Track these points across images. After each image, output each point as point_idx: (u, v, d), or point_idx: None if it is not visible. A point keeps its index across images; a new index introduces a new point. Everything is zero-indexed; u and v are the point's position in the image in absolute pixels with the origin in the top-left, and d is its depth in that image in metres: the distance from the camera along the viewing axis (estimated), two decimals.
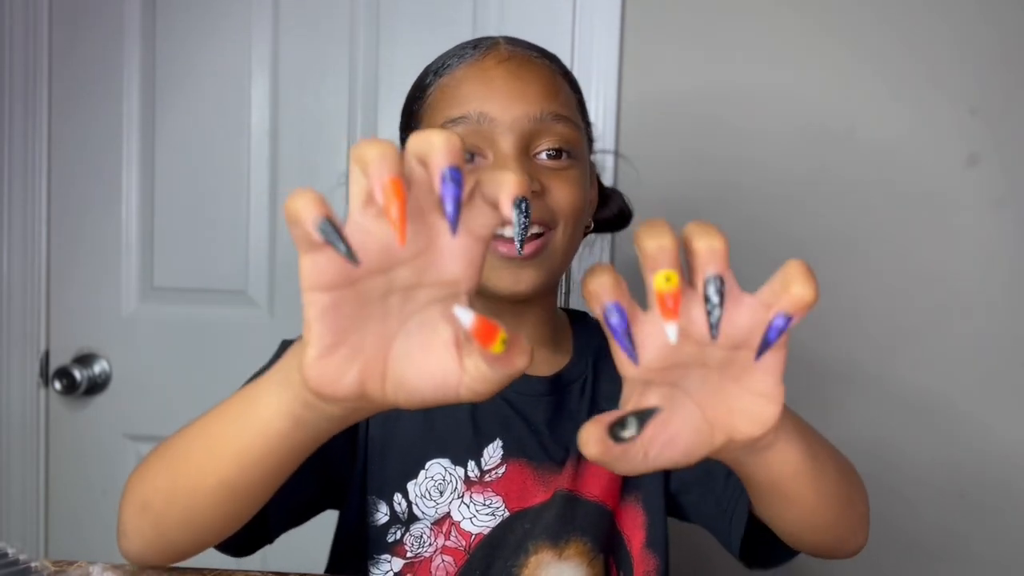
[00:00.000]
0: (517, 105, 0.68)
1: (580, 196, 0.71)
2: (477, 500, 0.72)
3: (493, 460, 0.73)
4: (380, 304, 0.41)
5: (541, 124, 0.68)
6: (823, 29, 1.14)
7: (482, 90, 0.69)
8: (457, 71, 0.71)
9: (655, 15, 1.16)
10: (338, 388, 0.41)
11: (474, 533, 0.72)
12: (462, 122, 0.68)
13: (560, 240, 0.70)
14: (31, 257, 1.28)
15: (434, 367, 0.41)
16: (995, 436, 1.13)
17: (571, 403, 0.77)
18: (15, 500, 1.30)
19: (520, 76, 0.70)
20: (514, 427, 0.74)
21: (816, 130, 1.14)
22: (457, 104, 0.69)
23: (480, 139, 0.68)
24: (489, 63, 0.70)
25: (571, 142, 0.70)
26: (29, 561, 0.54)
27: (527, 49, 0.73)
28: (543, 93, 0.70)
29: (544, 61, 0.73)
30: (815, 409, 1.15)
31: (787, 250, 1.15)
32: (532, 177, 0.66)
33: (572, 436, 0.74)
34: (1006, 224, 1.12)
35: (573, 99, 0.74)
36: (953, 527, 1.14)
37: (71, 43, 1.26)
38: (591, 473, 0.75)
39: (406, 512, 0.72)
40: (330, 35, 1.23)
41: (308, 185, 0.38)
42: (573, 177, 0.70)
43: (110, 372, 1.28)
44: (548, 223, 0.69)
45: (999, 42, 1.11)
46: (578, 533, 0.73)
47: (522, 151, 0.68)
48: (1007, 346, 1.13)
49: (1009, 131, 1.11)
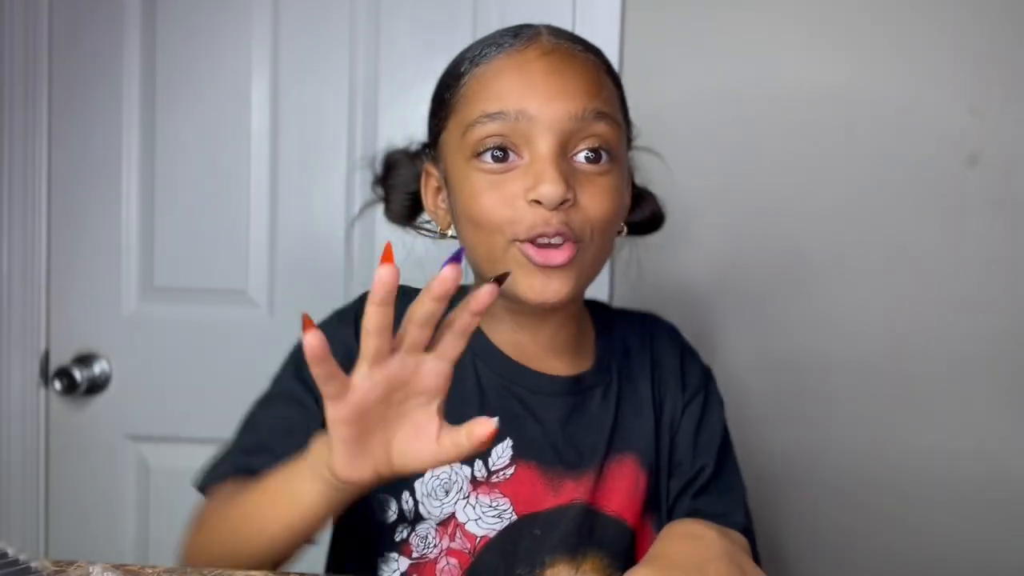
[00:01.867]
0: (558, 102, 0.66)
1: (616, 205, 0.69)
2: (483, 501, 0.71)
3: (502, 460, 0.72)
4: (382, 419, 0.55)
5: (582, 123, 0.66)
6: (822, 29, 1.14)
7: (521, 84, 0.66)
8: (495, 61, 0.68)
9: (655, 15, 1.16)
10: (360, 478, 0.56)
11: (479, 536, 0.71)
12: (499, 118, 0.66)
13: (591, 253, 0.68)
14: (31, 257, 1.28)
15: (422, 451, 0.55)
16: (996, 436, 1.13)
17: (591, 407, 0.76)
18: (15, 500, 1.29)
19: (562, 71, 0.67)
20: (525, 427, 0.73)
21: (816, 130, 1.14)
22: (494, 98, 0.67)
23: (517, 137, 0.66)
24: (531, 55, 0.68)
25: (611, 142, 0.68)
26: (29, 561, 0.54)
27: (570, 41, 0.71)
28: (585, 89, 0.67)
29: (588, 55, 0.70)
30: (815, 408, 1.16)
31: (787, 250, 1.15)
32: (567, 185, 0.65)
33: (588, 442, 0.74)
34: (1006, 224, 1.12)
35: (616, 96, 0.71)
36: (953, 528, 1.14)
37: (71, 43, 1.26)
38: (610, 488, 0.73)
39: (412, 511, 0.71)
40: (330, 35, 1.23)
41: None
42: (610, 184, 0.68)
43: (110, 372, 1.28)
44: (580, 236, 0.66)
45: (999, 42, 1.11)
46: (596, 548, 0.72)
47: (559, 153, 0.66)
48: (1007, 346, 1.12)
49: (1009, 131, 1.11)
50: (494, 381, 0.74)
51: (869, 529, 1.15)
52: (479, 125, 0.66)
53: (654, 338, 0.82)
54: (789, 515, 1.16)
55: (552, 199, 0.64)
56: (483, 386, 0.74)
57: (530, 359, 0.75)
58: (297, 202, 1.24)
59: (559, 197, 0.64)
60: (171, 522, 1.28)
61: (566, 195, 0.64)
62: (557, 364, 0.76)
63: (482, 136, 0.66)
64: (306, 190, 1.24)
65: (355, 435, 0.54)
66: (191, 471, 1.26)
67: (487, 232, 0.67)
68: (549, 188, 0.64)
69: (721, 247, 1.16)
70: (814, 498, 1.15)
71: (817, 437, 1.15)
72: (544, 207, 0.64)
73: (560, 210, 0.65)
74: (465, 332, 0.53)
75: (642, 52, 1.16)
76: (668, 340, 0.83)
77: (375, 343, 0.52)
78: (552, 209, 0.64)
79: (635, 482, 0.75)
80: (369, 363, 0.53)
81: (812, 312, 1.15)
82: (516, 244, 0.66)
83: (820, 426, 1.15)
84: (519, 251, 0.66)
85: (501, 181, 0.66)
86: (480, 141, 0.67)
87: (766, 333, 1.16)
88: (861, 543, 1.16)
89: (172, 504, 1.28)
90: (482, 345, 0.75)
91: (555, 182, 0.64)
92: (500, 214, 0.66)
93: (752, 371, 1.16)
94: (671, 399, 0.79)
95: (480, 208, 0.67)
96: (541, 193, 0.64)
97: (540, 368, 0.75)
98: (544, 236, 0.65)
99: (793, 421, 1.15)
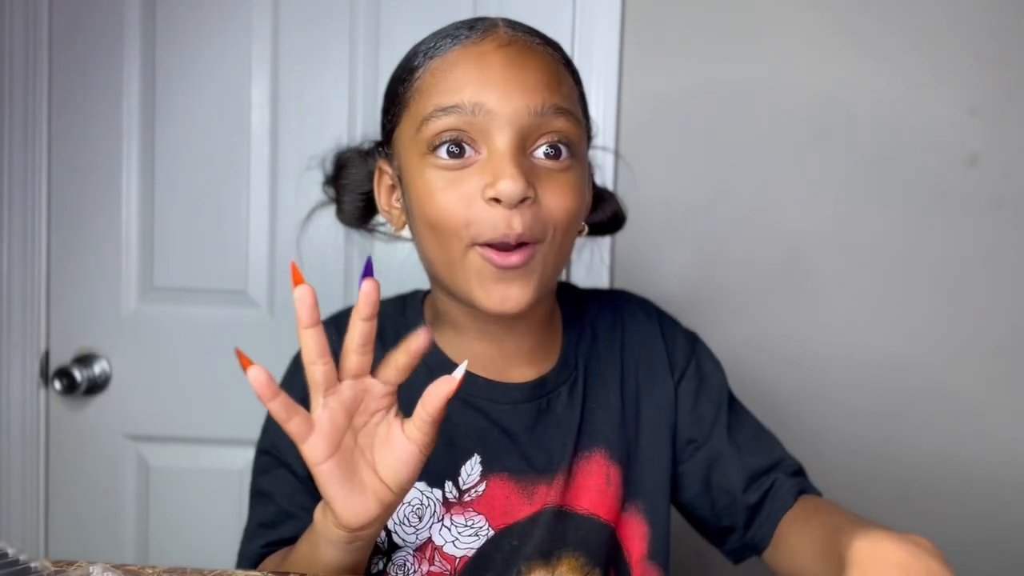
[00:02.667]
0: (516, 96, 0.62)
1: (576, 203, 0.66)
2: (458, 522, 0.69)
3: (472, 478, 0.70)
4: (357, 448, 0.57)
5: (541, 118, 0.63)
6: (823, 29, 1.14)
7: (478, 77, 0.63)
8: (450, 53, 0.65)
9: (655, 15, 1.16)
10: (369, 518, 0.57)
11: (458, 556, 0.69)
12: (455, 112, 0.62)
13: (550, 252, 0.65)
14: (31, 257, 1.28)
15: (401, 454, 0.57)
16: (996, 435, 1.13)
17: (556, 408, 0.73)
18: (15, 500, 1.29)
19: (520, 64, 0.64)
20: (491, 439, 0.71)
21: (815, 130, 1.14)
22: (449, 91, 0.63)
23: (474, 131, 0.63)
24: (487, 47, 0.64)
25: (572, 138, 0.65)
26: (29, 561, 0.54)
27: (528, 34, 0.67)
28: (545, 83, 0.64)
29: (546, 48, 0.67)
30: (815, 408, 1.16)
31: (786, 250, 1.15)
32: (527, 182, 0.62)
33: (557, 443, 0.72)
34: (1006, 224, 1.12)
35: (575, 91, 0.68)
36: (952, 528, 1.14)
37: (71, 43, 1.26)
38: (581, 486, 0.72)
39: (386, 541, 0.69)
40: (330, 34, 1.23)
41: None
42: (571, 181, 0.65)
43: (110, 372, 1.28)
44: (538, 236, 0.63)
45: (999, 42, 1.11)
46: (570, 549, 0.70)
47: (518, 149, 0.63)
48: (1008, 346, 1.13)
49: (1009, 131, 1.11)
50: (454, 397, 0.73)
51: None
52: (433, 119, 0.63)
53: (625, 319, 0.79)
54: None
55: (512, 196, 0.61)
56: None
57: (492, 369, 0.73)
58: (297, 202, 1.24)
59: (519, 194, 0.61)
60: (171, 522, 1.29)
61: (526, 192, 0.61)
62: (522, 370, 0.73)
63: (437, 131, 0.63)
64: (306, 190, 1.24)
65: (339, 472, 0.55)
66: (191, 471, 1.27)
67: (444, 235, 0.64)
68: (508, 185, 0.60)
69: (720, 246, 1.16)
70: None
71: (816, 436, 1.15)
72: (503, 205, 0.61)
73: (520, 208, 0.62)
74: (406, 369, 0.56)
75: (642, 52, 1.16)
76: (643, 317, 0.80)
77: (321, 370, 0.54)
78: (512, 207, 0.61)
79: (606, 478, 0.73)
80: (322, 391, 0.55)
81: (811, 311, 1.15)
82: (475, 248, 0.63)
83: (818, 425, 1.15)
84: (479, 255, 0.63)
85: (457, 178, 0.63)
86: (435, 136, 0.63)
87: (765, 333, 1.16)
88: None
89: (172, 504, 1.29)
90: (438, 362, 0.73)
91: (515, 178, 0.61)
92: (457, 214, 0.63)
93: (752, 371, 1.16)
94: (661, 384, 0.77)
95: (436, 207, 0.64)
96: (500, 190, 0.61)
97: (503, 377, 0.73)
98: (506, 240, 0.62)
99: (792, 420, 1.15)
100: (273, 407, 0.53)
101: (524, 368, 0.74)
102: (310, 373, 0.54)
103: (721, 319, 1.16)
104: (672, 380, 0.77)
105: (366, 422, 0.57)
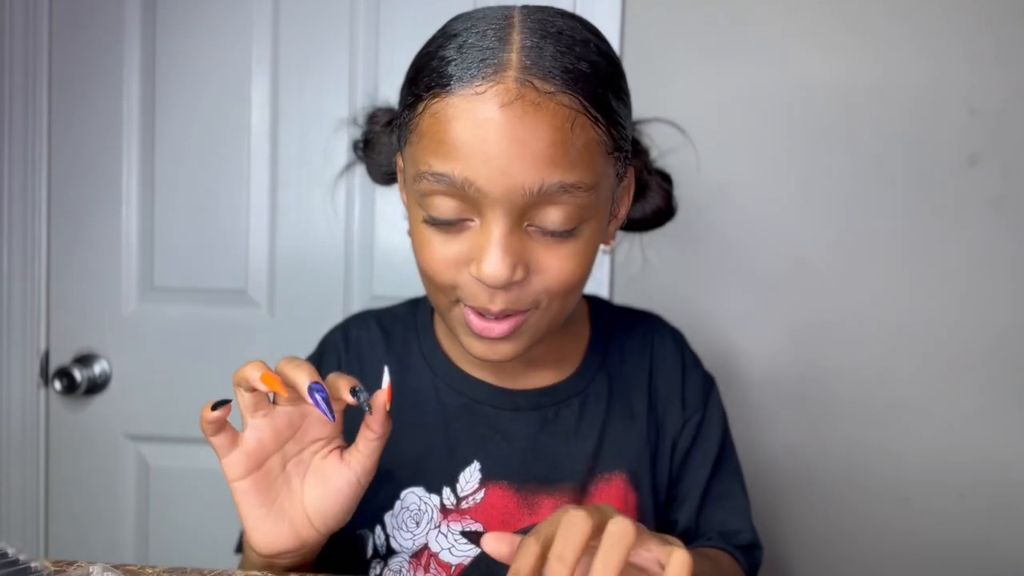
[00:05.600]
0: (513, 173, 0.55)
1: (579, 270, 0.61)
2: (455, 529, 0.68)
3: (470, 485, 0.69)
4: (283, 475, 0.59)
5: (539, 197, 0.56)
6: (822, 29, 1.14)
7: (472, 148, 0.55)
8: (452, 99, 0.56)
9: (656, 15, 1.16)
10: (281, 547, 0.58)
11: (454, 564, 0.68)
12: (446, 181, 0.57)
13: (544, 316, 0.62)
14: (31, 257, 1.28)
15: (334, 483, 0.58)
16: (996, 436, 1.13)
17: (565, 418, 0.72)
18: (15, 500, 1.29)
19: (522, 135, 0.55)
20: (492, 446, 0.70)
21: (815, 130, 1.14)
22: (442, 155, 0.57)
23: (467, 202, 0.58)
24: (489, 104, 0.55)
25: (574, 217, 0.58)
26: (29, 561, 0.54)
27: (547, 76, 0.56)
28: (548, 157, 0.55)
29: (564, 95, 0.56)
30: (815, 408, 1.16)
31: (786, 250, 1.15)
32: (513, 266, 0.58)
33: (564, 454, 0.71)
34: (1006, 224, 1.12)
35: (599, 137, 0.58)
36: (952, 528, 1.14)
37: (71, 43, 1.26)
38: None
39: (384, 545, 0.69)
40: (330, 34, 1.23)
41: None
42: (575, 250, 0.60)
43: (110, 372, 1.28)
44: (527, 307, 0.61)
45: (999, 42, 1.11)
46: None
47: (509, 229, 0.57)
48: (1008, 346, 1.13)
49: (1008, 131, 1.11)
50: (455, 401, 0.72)
51: (870, 530, 1.15)
52: (426, 181, 0.58)
53: (655, 344, 0.78)
54: (790, 515, 1.16)
55: (494, 283, 0.58)
56: (444, 408, 0.72)
57: (502, 375, 0.72)
58: (297, 201, 1.24)
59: (502, 282, 0.57)
60: (171, 522, 1.29)
61: (511, 278, 0.58)
62: (530, 378, 0.72)
63: (429, 193, 0.58)
64: (306, 190, 1.24)
65: (256, 493, 0.57)
66: (191, 471, 1.27)
67: (432, 286, 0.63)
68: (491, 272, 0.57)
69: (720, 246, 1.16)
70: (814, 498, 1.15)
71: (817, 436, 1.15)
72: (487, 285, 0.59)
73: (506, 286, 0.59)
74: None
75: (642, 52, 1.16)
76: (671, 347, 0.79)
77: (247, 396, 0.57)
78: (496, 287, 0.59)
79: (624, 503, 0.71)
80: (251, 412, 0.57)
81: (811, 311, 1.15)
82: (461, 305, 0.62)
83: (818, 426, 1.15)
84: (462, 313, 0.62)
85: (449, 240, 0.60)
86: (427, 199, 0.59)
87: (765, 332, 1.16)
88: (861, 544, 1.16)
89: (172, 504, 1.29)
90: (441, 365, 0.73)
91: (497, 265, 0.57)
92: (446, 275, 0.60)
93: (751, 370, 1.16)
94: (672, 416, 0.76)
95: (425, 262, 0.61)
96: (483, 274, 0.58)
97: (512, 383, 0.72)
98: (488, 311, 0.60)
99: (792, 420, 1.15)
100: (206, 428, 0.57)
101: (536, 376, 0.73)
102: (238, 396, 0.57)
103: (719, 318, 1.16)
104: (681, 417, 0.76)
105: (301, 450, 0.59)
